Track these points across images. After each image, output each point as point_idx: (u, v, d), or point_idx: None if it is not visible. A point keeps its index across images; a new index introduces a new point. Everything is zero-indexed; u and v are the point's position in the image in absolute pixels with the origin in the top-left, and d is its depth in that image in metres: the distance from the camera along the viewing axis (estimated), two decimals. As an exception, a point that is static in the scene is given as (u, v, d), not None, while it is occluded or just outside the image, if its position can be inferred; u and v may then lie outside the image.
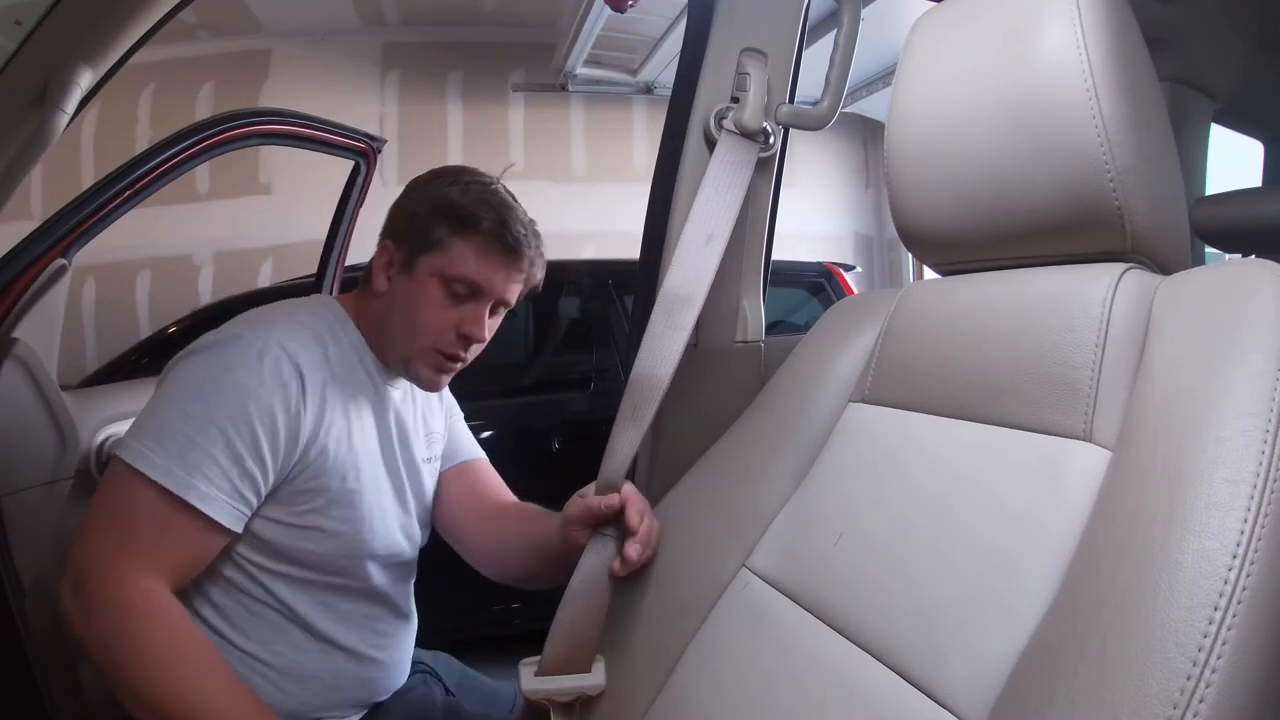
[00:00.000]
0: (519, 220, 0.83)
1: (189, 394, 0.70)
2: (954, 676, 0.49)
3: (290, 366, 0.73)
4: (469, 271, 0.80)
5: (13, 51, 0.68)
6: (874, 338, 0.71)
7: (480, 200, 0.81)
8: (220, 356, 0.71)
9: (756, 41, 0.89)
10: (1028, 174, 0.56)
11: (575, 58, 3.82)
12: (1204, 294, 0.49)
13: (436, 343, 0.81)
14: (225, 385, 0.70)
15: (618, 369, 2.37)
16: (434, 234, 0.80)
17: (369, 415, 0.83)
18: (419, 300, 0.80)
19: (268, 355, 0.71)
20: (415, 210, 0.82)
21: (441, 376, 0.84)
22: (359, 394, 0.82)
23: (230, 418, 0.69)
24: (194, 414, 0.69)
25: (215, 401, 0.69)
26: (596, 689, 0.73)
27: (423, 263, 0.80)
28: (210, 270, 3.93)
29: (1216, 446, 0.40)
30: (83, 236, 1.26)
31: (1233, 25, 1.09)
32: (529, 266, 0.84)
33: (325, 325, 0.80)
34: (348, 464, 0.78)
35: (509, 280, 0.83)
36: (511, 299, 0.85)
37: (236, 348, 0.72)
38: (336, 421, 0.77)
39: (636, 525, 0.73)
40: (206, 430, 0.68)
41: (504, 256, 0.81)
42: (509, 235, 0.80)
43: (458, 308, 0.81)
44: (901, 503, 0.60)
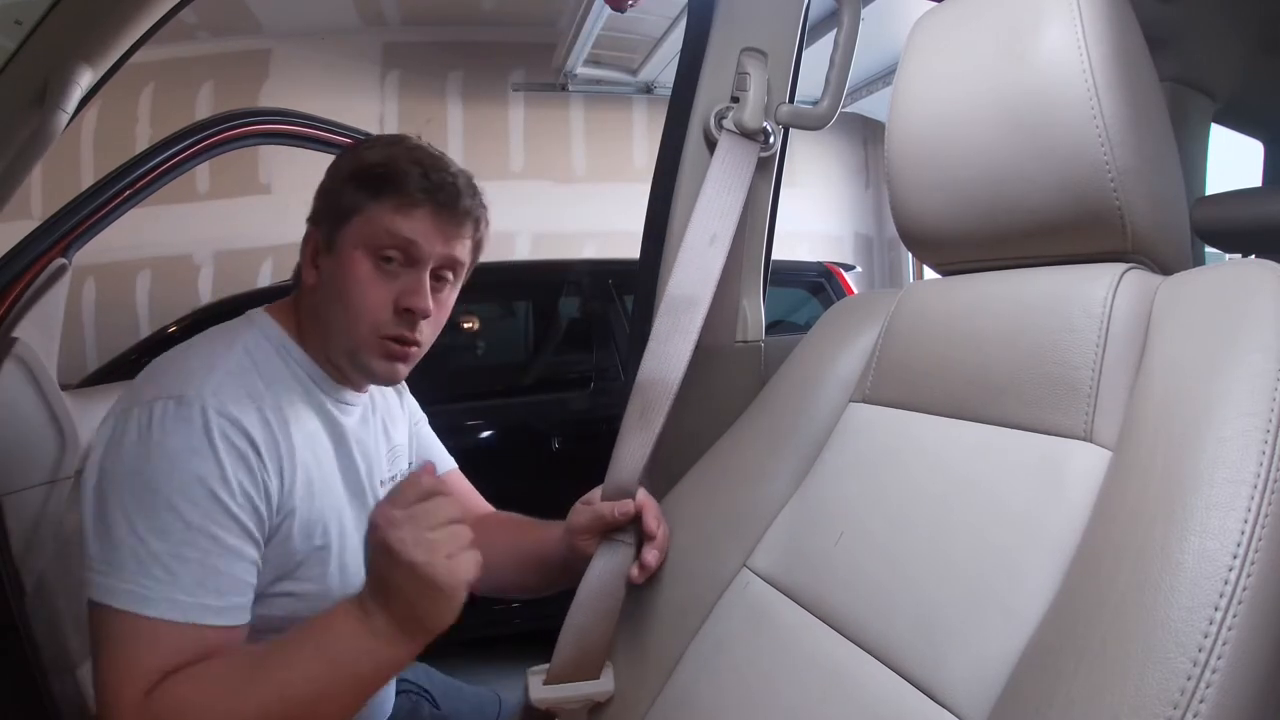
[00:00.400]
0: (445, 169, 0.72)
1: (149, 504, 0.58)
2: (954, 676, 0.49)
3: (239, 433, 0.62)
4: (393, 231, 0.69)
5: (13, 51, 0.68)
6: (874, 338, 0.71)
7: (394, 155, 0.72)
8: (162, 446, 0.60)
9: (756, 41, 0.89)
10: (1028, 174, 0.56)
11: (575, 57, 3.82)
12: (1204, 294, 0.49)
13: (376, 324, 0.70)
14: (185, 482, 0.59)
15: (618, 369, 2.37)
16: (349, 201, 0.70)
17: (328, 457, 0.73)
18: (347, 278, 0.70)
19: (214, 429, 0.61)
20: (330, 185, 0.73)
21: (396, 365, 0.73)
22: (313, 437, 0.71)
23: (208, 515, 0.60)
24: (168, 527, 0.58)
25: (183, 504, 0.59)
26: (606, 695, 0.73)
27: (344, 236, 0.70)
28: (210, 270, 3.93)
29: (1217, 447, 0.40)
30: (83, 236, 1.26)
31: (1233, 25, 1.09)
32: (466, 219, 0.73)
33: (256, 362, 0.69)
34: (314, 521, 0.69)
35: (446, 237, 0.71)
36: (457, 260, 0.73)
37: (177, 431, 0.60)
38: (298, 479, 0.68)
39: (656, 530, 0.73)
40: (192, 541, 0.59)
41: (432, 209, 0.70)
42: (431, 184, 0.70)
43: (393, 280, 0.70)
44: (902, 503, 0.60)
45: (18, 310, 1.19)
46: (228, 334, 0.70)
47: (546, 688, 0.72)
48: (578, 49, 3.70)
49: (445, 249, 0.71)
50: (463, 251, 0.74)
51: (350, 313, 0.70)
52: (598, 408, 2.33)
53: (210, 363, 0.66)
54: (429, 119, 3.71)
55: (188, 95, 3.84)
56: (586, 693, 0.72)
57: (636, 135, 4.47)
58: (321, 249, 0.72)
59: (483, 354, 2.74)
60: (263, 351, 0.70)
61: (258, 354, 0.69)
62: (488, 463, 2.27)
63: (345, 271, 0.70)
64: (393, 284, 0.70)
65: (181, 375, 0.64)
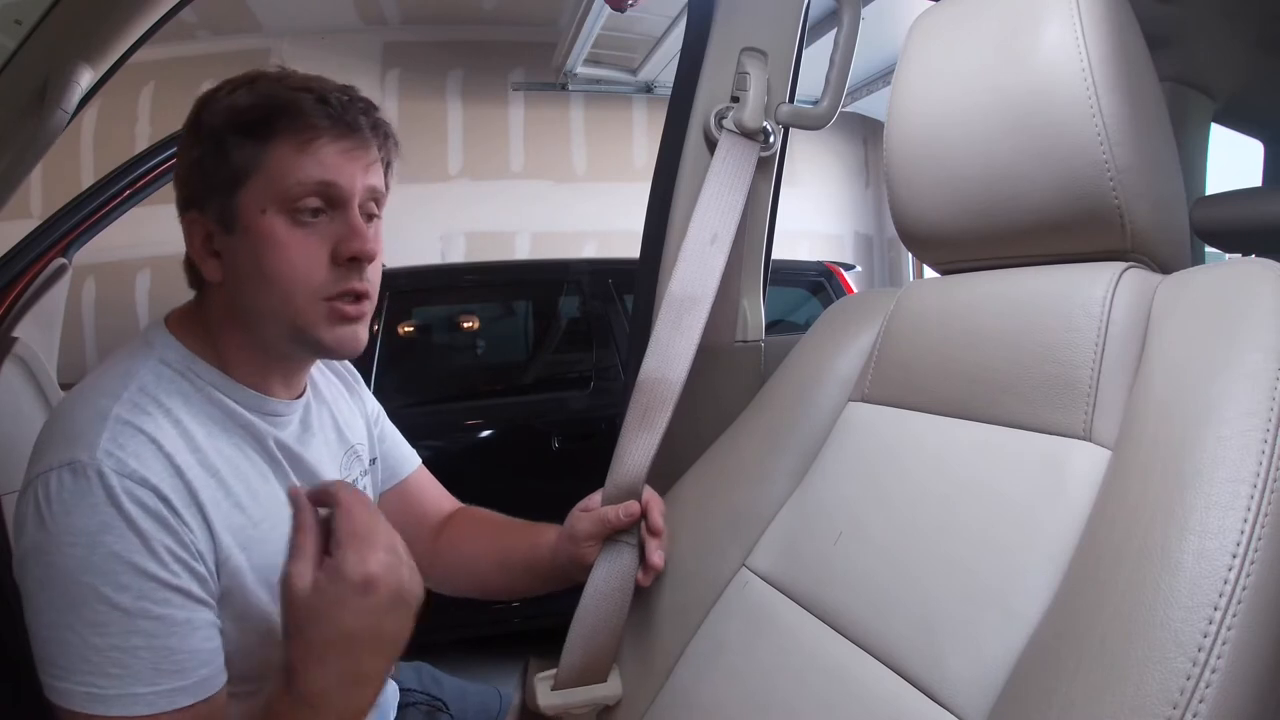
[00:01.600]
0: (335, 89, 0.62)
1: (75, 599, 0.51)
2: (954, 676, 0.49)
3: (148, 492, 0.53)
4: (303, 176, 0.59)
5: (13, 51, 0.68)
6: (873, 337, 0.71)
7: (270, 89, 0.60)
8: (68, 527, 0.51)
9: (756, 41, 0.89)
10: (1027, 173, 0.56)
11: (575, 57, 3.82)
12: (1204, 294, 0.49)
13: (315, 287, 0.60)
14: (106, 565, 0.51)
15: (618, 368, 2.37)
16: (237, 159, 0.59)
17: (266, 484, 0.63)
18: (264, 249, 0.59)
19: (119, 495, 0.52)
20: (199, 154, 0.61)
21: (352, 327, 0.62)
22: (243, 468, 0.62)
23: (143, 595, 0.52)
24: (104, 620, 0.51)
25: (112, 591, 0.51)
26: (614, 698, 0.72)
27: (244, 203, 0.59)
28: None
29: (1216, 446, 0.40)
30: (83, 236, 1.26)
31: (1233, 25, 1.09)
32: (376, 137, 0.63)
33: (156, 398, 0.58)
34: (264, 563, 0.60)
35: (362, 164, 0.61)
36: (379, 188, 0.64)
37: (79, 506, 0.52)
38: (230, 524, 0.59)
39: (662, 527, 0.72)
40: (135, 628, 0.52)
41: (338, 135, 0.60)
42: (331, 108, 0.60)
43: (318, 231, 0.60)
44: (901, 502, 0.60)
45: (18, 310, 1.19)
46: (119, 369, 0.60)
47: (555, 693, 0.72)
48: (578, 48, 3.70)
49: (366, 178, 0.62)
50: (379, 179, 0.64)
51: (279, 286, 0.59)
52: (598, 407, 2.33)
53: (101, 411, 0.55)
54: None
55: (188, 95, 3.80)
56: (595, 697, 0.72)
57: (636, 135, 4.47)
58: (216, 231, 0.61)
59: (483, 353, 2.74)
60: (164, 380, 0.59)
61: (157, 387, 0.59)
62: (487, 462, 2.29)
63: (262, 243, 0.59)
64: (321, 236, 0.60)
65: (70, 435, 0.54)
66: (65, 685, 0.51)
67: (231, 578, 0.58)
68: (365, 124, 0.62)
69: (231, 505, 0.59)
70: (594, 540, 0.73)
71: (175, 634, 0.53)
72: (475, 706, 0.94)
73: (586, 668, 0.72)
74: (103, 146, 3.60)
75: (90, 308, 3.79)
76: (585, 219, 4.26)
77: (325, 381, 0.77)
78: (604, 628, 0.72)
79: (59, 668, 0.51)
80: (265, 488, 0.63)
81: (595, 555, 0.73)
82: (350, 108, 0.61)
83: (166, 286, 3.87)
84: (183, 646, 0.53)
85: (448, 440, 2.23)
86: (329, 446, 0.73)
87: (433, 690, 0.91)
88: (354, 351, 0.65)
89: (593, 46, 3.72)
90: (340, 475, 0.73)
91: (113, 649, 0.51)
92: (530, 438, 2.32)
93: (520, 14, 4.08)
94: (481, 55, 4.24)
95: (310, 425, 0.71)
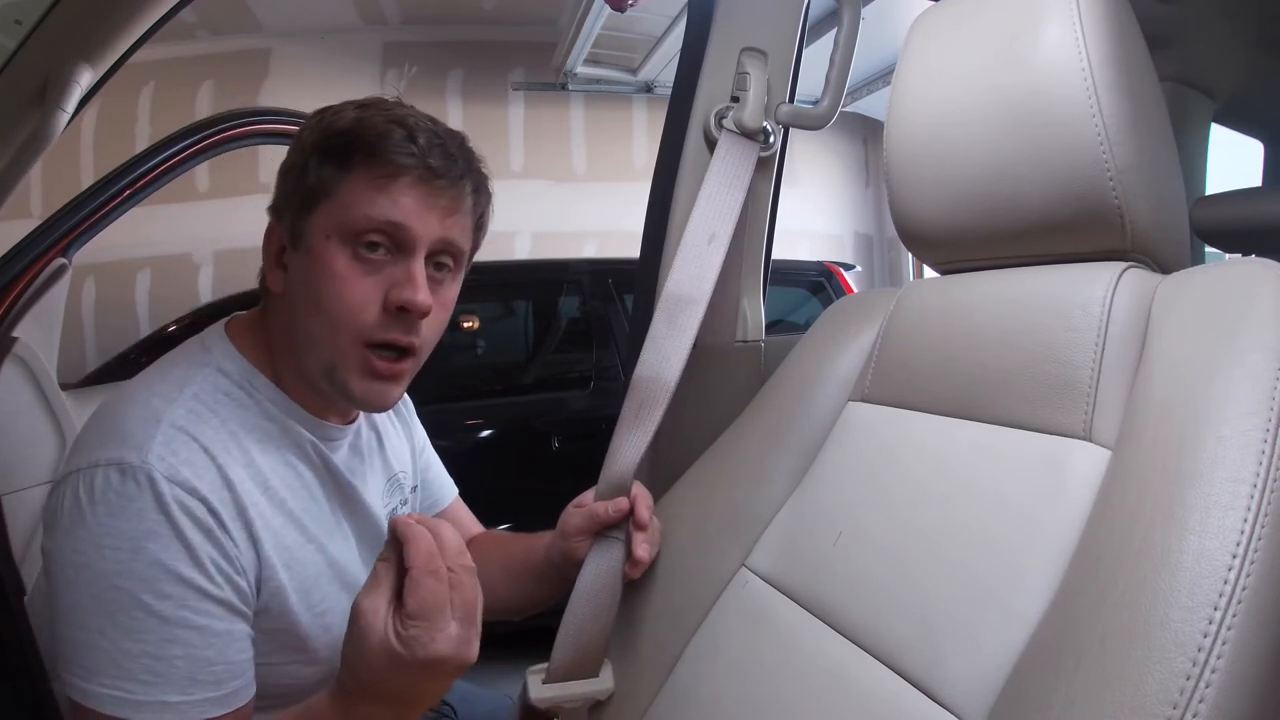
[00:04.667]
0: (430, 130, 0.59)
1: (113, 603, 0.50)
2: (954, 676, 0.49)
3: (196, 501, 0.52)
4: (372, 211, 0.56)
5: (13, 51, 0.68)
6: (873, 337, 0.71)
7: (366, 116, 0.59)
8: (111, 530, 0.50)
9: (756, 41, 0.89)
10: (1027, 173, 0.56)
11: (575, 57, 3.82)
12: (1204, 293, 0.49)
13: (360, 328, 0.57)
14: (149, 572, 0.50)
15: (618, 368, 2.37)
16: (315, 179, 0.57)
17: (317, 504, 0.63)
18: (320, 277, 0.57)
19: (168, 501, 0.51)
20: (292, 163, 0.60)
21: (385, 385, 0.60)
22: (293, 484, 0.61)
23: (184, 604, 0.51)
24: (142, 627, 0.50)
25: (153, 599, 0.50)
26: (605, 693, 0.73)
27: (313, 225, 0.58)
28: (210, 269, 3.92)
29: (1216, 446, 0.40)
30: (83, 235, 1.26)
31: (1233, 25, 1.09)
32: (464, 189, 0.60)
33: (212, 407, 0.57)
34: (305, 584, 0.60)
35: (441, 213, 0.58)
36: (457, 242, 0.61)
37: (125, 509, 0.50)
38: (278, 542, 0.58)
39: (648, 520, 0.72)
40: (173, 637, 0.51)
41: (419, 178, 0.57)
42: (418, 147, 0.57)
43: (378, 273, 0.57)
44: (901, 502, 0.60)
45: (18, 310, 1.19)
46: (177, 372, 0.58)
47: (546, 686, 0.72)
48: (578, 48, 3.69)
49: (441, 229, 0.59)
50: (462, 232, 0.61)
51: (328, 318, 0.57)
52: (598, 407, 2.34)
53: (154, 414, 0.54)
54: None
55: (188, 95, 3.84)
56: (586, 691, 0.72)
57: (636, 135, 4.47)
58: (288, 245, 0.60)
59: (483, 353, 2.74)
60: (221, 391, 0.58)
61: (214, 396, 0.58)
62: (488, 462, 2.29)
63: (318, 269, 0.57)
64: (379, 277, 0.58)
65: (120, 434, 0.53)
66: (92, 686, 0.50)
67: (272, 595, 0.57)
68: (454, 172, 0.59)
69: (282, 522, 0.58)
70: (584, 535, 0.73)
71: (214, 645, 0.52)
72: (484, 714, 0.94)
73: (577, 662, 0.73)
74: (103, 146, 3.59)
75: (90, 308, 3.79)
76: (585, 219, 4.26)
77: None
78: (594, 622, 0.72)
79: (86, 668, 0.50)
80: (315, 508, 0.62)
81: (585, 551, 0.73)
82: (441, 151, 0.59)
83: (166, 286, 3.87)
84: (220, 658, 0.52)
85: (448, 440, 2.22)
86: (374, 474, 0.72)
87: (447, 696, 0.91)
88: (381, 409, 0.64)
89: (593, 46, 3.72)
90: (382, 501, 0.72)
91: (146, 655, 0.50)
92: (530, 438, 2.33)
93: (520, 14, 4.08)
94: (481, 55, 4.24)
95: (360, 451, 0.70)
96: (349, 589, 0.64)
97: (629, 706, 0.72)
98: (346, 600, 0.62)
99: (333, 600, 0.62)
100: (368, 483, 0.70)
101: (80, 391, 1.57)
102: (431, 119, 0.61)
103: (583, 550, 0.73)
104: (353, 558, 0.67)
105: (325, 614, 0.62)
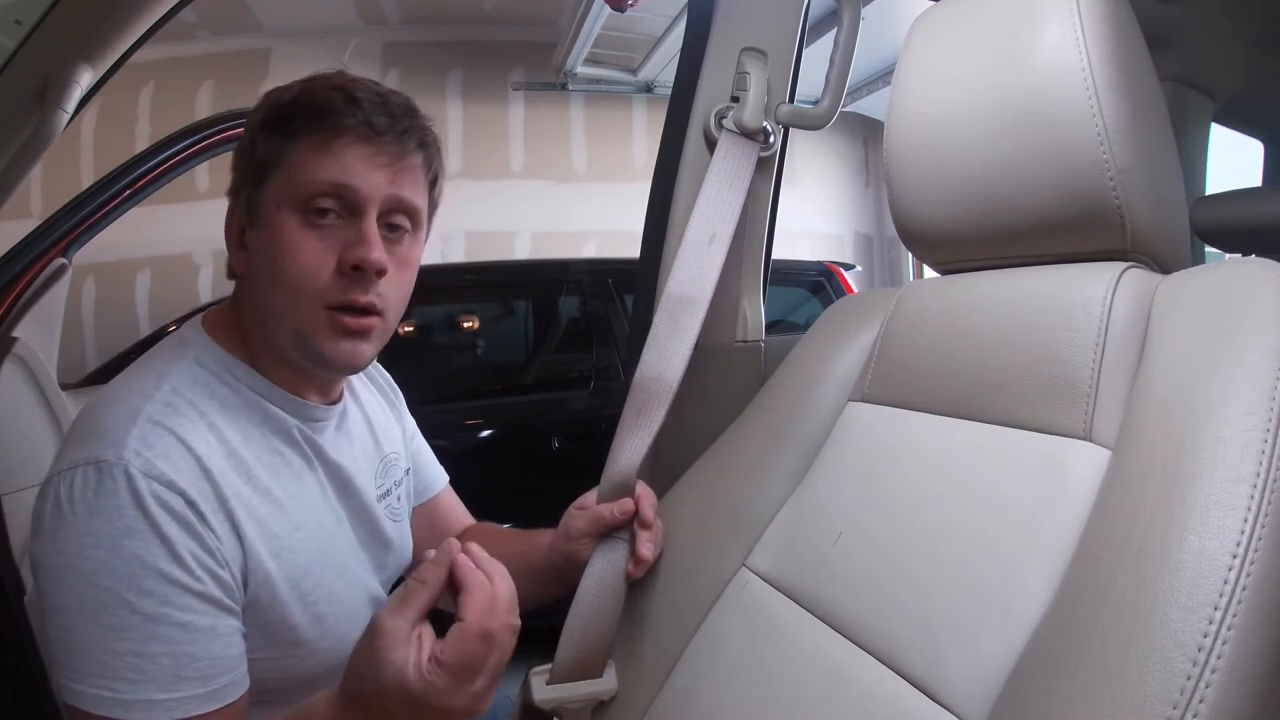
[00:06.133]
0: (372, 91, 0.59)
1: (96, 602, 0.50)
2: (954, 676, 0.49)
3: (175, 495, 0.52)
4: (320, 172, 0.56)
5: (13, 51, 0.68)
6: (873, 337, 0.71)
7: (311, 89, 0.59)
8: (91, 529, 0.50)
9: (756, 41, 0.89)
10: (1027, 173, 0.56)
11: (575, 57, 3.82)
12: (1204, 293, 0.49)
13: (318, 292, 0.57)
14: (129, 569, 0.50)
15: (618, 368, 2.38)
16: (263, 153, 0.58)
17: (305, 488, 0.63)
18: (276, 244, 0.57)
19: (145, 497, 0.51)
20: (243, 144, 0.61)
21: (354, 343, 0.59)
22: (280, 471, 0.61)
23: (166, 601, 0.51)
24: (125, 625, 0.50)
25: (135, 597, 0.50)
26: (609, 694, 0.72)
27: (265, 198, 0.58)
28: (210, 269, 3.92)
29: (1216, 446, 0.40)
30: (83, 235, 1.26)
31: (1233, 25, 1.09)
32: (410, 145, 0.60)
33: (191, 400, 0.57)
34: (295, 572, 0.59)
35: (389, 172, 0.58)
36: (409, 200, 0.60)
37: (103, 507, 0.50)
38: (264, 531, 0.57)
39: (653, 520, 0.72)
40: (157, 634, 0.50)
41: (361, 135, 0.57)
42: (359, 109, 0.57)
43: (331, 235, 0.57)
44: (901, 502, 0.60)
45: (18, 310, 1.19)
46: (153, 369, 0.58)
47: (550, 687, 0.72)
48: (578, 48, 3.70)
49: (391, 187, 0.59)
50: (414, 189, 0.61)
51: (286, 286, 0.57)
52: (598, 407, 2.34)
53: (132, 410, 0.54)
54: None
55: (188, 95, 3.84)
56: (590, 692, 0.72)
57: (636, 135, 4.47)
58: (246, 224, 0.61)
59: (483, 353, 2.74)
60: (199, 383, 0.58)
61: (192, 389, 0.57)
62: (488, 462, 2.29)
63: (273, 240, 0.57)
64: (332, 241, 0.57)
65: (97, 433, 0.53)
66: (81, 687, 0.50)
67: (260, 586, 0.56)
68: (396, 129, 0.59)
69: (269, 510, 0.58)
70: (588, 538, 0.73)
71: (198, 641, 0.52)
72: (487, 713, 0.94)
73: (581, 663, 0.72)
74: (103, 146, 3.60)
75: (90, 308, 3.79)
76: (585, 219, 4.26)
77: (364, 388, 0.77)
78: (598, 623, 0.72)
79: (75, 669, 0.50)
80: (303, 493, 0.62)
81: (589, 553, 0.73)
82: (382, 109, 0.59)
83: (166, 286, 3.88)
84: (205, 653, 0.52)
85: (448, 440, 2.23)
86: (365, 455, 0.72)
87: None
88: (354, 367, 0.62)
89: (593, 46, 3.72)
90: (374, 484, 0.72)
91: (131, 654, 0.50)
92: (530, 438, 2.33)
93: (520, 14, 4.08)
94: (481, 55, 4.24)
95: (347, 431, 0.70)
96: (343, 575, 0.64)
97: (630, 706, 0.72)
98: (341, 586, 0.64)
99: (326, 588, 0.62)
100: (358, 463, 0.70)
101: (80, 391, 1.57)
102: (375, 83, 0.61)
103: (586, 553, 0.73)
104: (347, 543, 0.67)
105: (318, 603, 0.61)
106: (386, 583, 0.74)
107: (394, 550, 0.74)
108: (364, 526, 0.70)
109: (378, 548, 0.72)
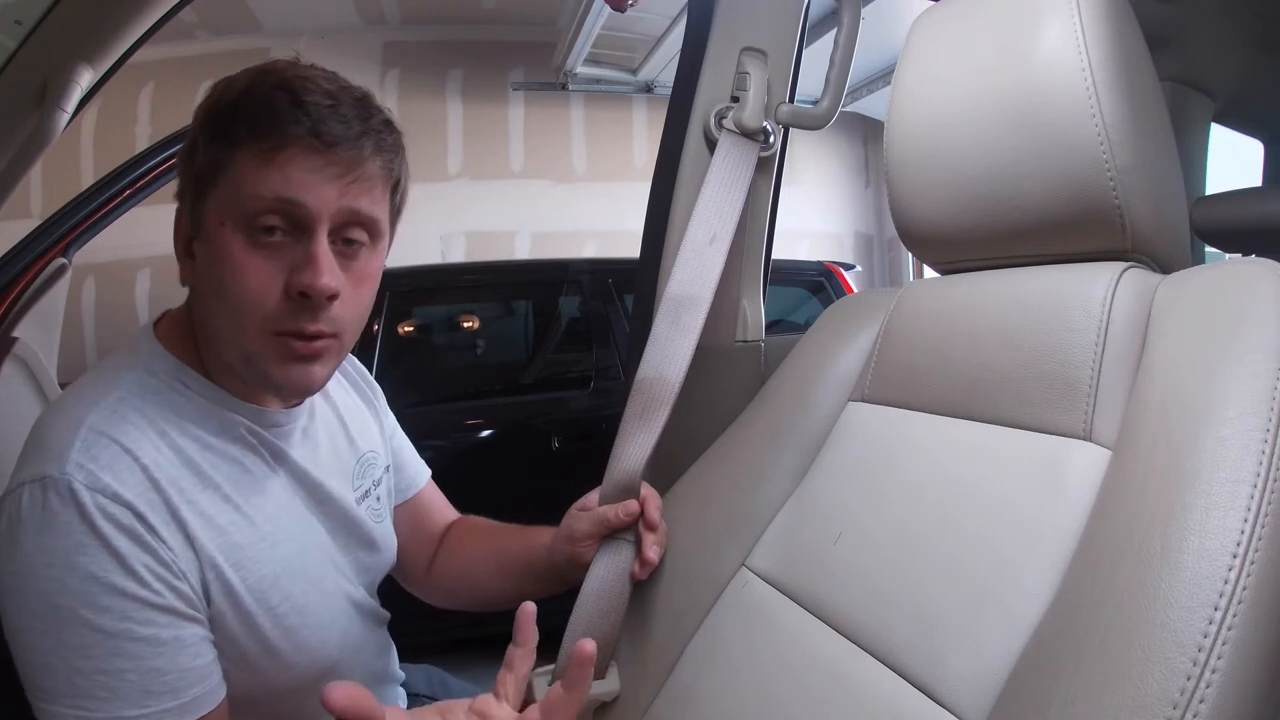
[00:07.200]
0: (322, 91, 0.53)
1: (56, 622, 0.48)
2: (954, 676, 0.49)
3: (121, 507, 0.50)
4: (264, 187, 0.51)
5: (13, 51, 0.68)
6: (873, 336, 0.71)
7: (255, 87, 0.53)
8: (41, 548, 0.48)
9: (756, 41, 0.89)
10: (1027, 173, 0.56)
11: (575, 56, 3.82)
12: (1204, 293, 0.49)
13: (264, 318, 0.53)
14: (83, 587, 0.48)
15: (618, 368, 2.38)
16: (204, 159, 0.53)
17: (264, 496, 0.60)
18: (220, 264, 0.53)
19: (91, 512, 0.49)
20: (187, 145, 0.56)
21: (304, 367, 0.55)
22: (240, 480, 0.58)
23: (125, 617, 0.49)
24: (86, 643, 0.48)
25: (92, 614, 0.49)
26: (612, 694, 0.72)
27: (208, 210, 0.54)
28: (210, 269, 3.93)
29: (1216, 446, 0.40)
30: (83, 235, 1.26)
31: (1233, 25, 1.09)
32: (365, 151, 0.54)
33: (139, 408, 0.54)
34: (259, 582, 0.57)
35: (337, 182, 0.53)
36: (365, 212, 0.55)
37: (50, 525, 0.48)
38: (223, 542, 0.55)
39: (658, 522, 0.72)
40: (120, 650, 0.49)
41: (308, 147, 0.52)
42: (305, 115, 0.52)
43: (278, 256, 0.53)
44: (901, 502, 0.60)
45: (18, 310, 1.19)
46: (103, 379, 0.56)
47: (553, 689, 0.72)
48: (578, 48, 3.70)
49: (343, 200, 0.54)
50: (370, 200, 0.56)
51: (230, 309, 0.53)
52: (598, 407, 2.34)
53: (76, 420, 0.52)
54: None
55: (188, 95, 3.82)
56: (594, 693, 0.72)
57: (636, 135, 4.47)
58: (191, 232, 0.56)
59: (483, 353, 2.74)
60: (149, 391, 0.55)
61: (141, 396, 0.55)
62: (487, 463, 2.29)
63: (217, 257, 0.53)
64: (279, 262, 0.53)
65: (42, 447, 0.51)
66: (55, 708, 0.49)
67: (223, 597, 0.55)
68: (349, 135, 0.53)
69: (229, 519, 0.56)
70: (592, 540, 0.73)
71: (162, 654, 0.51)
72: None
73: None
74: (103, 146, 3.59)
75: (90, 308, 3.79)
76: (585, 219, 4.27)
77: (337, 385, 0.75)
78: (602, 624, 0.72)
79: (46, 690, 0.49)
80: (267, 501, 0.60)
81: (592, 554, 0.73)
82: (328, 114, 0.53)
83: (166, 286, 3.87)
84: (172, 666, 0.51)
85: (448, 440, 2.23)
86: (338, 455, 0.70)
87: (440, 694, 0.90)
88: (307, 391, 0.59)
89: (593, 46, 3.72)
90: (350, 485, 0.71)
91: (98, 672, 0.49)
92: (530, 438, 2.33)
93: (520, 14, 4.08)
94: (481, 55, 4.24)
95: (313, 434, 0.67)
96: (317, 584, 0.63)
97: (630, 706, 0.71)
98: (315, 596, 0.62)
99: (297, 599, 0.60)
100: (329, 466, 0.67)
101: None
102: (330, 77, 0.56)
103: (589, 554, 0.73)
104: (321, 551, 0.65)
105: (287, 615, 0.59)
106: (370, 585, 0.73)
107: (379, 551, 0.73)
108: (343, 530, 0.68)
109: (360, 550, 0.70)
